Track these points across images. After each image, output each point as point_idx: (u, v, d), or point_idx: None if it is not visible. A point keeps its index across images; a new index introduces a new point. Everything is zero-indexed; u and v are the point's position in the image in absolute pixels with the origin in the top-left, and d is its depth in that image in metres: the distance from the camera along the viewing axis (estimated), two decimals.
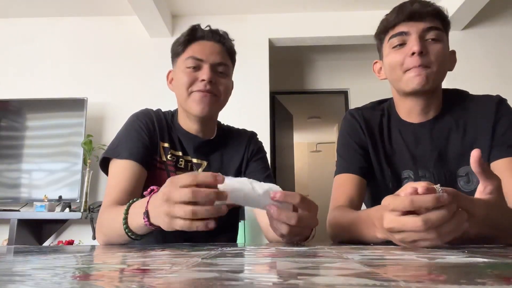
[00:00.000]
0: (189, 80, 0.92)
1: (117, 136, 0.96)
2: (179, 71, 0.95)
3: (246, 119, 2.38)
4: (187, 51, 0.94)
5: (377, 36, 0.96)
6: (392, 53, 0.89)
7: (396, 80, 0.90)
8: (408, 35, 0.86)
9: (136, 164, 0.90)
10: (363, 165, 0.94)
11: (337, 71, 4.04)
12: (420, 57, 0.84)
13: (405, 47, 0.87)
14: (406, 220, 0.53)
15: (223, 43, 0.97)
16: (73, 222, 2.80)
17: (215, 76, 0.94)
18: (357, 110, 1.01)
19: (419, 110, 0.92)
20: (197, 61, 0.93)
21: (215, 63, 0.94)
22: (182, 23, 3.07)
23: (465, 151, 0.89)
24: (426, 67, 0.85)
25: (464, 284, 0.23)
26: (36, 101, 2.82)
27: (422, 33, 0.85)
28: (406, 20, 0.86)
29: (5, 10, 3.03)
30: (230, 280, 0.26)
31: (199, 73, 0.93)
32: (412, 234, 0.54)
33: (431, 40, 0.86)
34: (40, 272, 0.31)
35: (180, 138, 1.01)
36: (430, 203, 0.51)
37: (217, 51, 0.95)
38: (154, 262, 0.39)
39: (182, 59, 0.95)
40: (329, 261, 0.37)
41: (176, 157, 0.99)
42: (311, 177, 6.86)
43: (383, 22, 0.92)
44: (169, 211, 0.58)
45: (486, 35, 3.05)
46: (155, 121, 0.98)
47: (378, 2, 2.90)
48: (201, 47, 0.94)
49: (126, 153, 0.90)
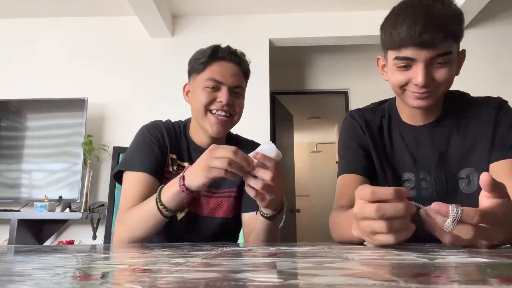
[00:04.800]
0: (208, 100, 0.98)
1: (130, 149, 1.02)
2: (198, 88, 1.00)
3: (246, 119, 2.36)
4: (207, 71, 0.99)
5: (381, 38, 0.89)
6: (396, 73, 0.84)
7: (399, 95, 0.89)
8: (414, 61, 0.80)
9: (149, 176, 0.95)
10: (365, 165, 0.94)
11: (337, 71, 4.04)
12: (423, 86, 0.80)
13: (410, 70, 0.82)
14: (365, 206, 0.54)
15: (240, 65, 1.02)
16: (73, 222, 2.80)
17: (232, 98, 0.99)
18: (358, 112, 1.01)
19: (421, 115, 0.92)
20: (217, 83, 0.98)
21: (233, 86, 0.99)
22: (182, 23, 3.07)
23: (466, 153, 0.89)
24: (429, 91, 0.82)
25: (464, 284, 0.23)
26: (36, 101, 2.81)
27: (430, 61, 0.79)
28: (414, 45, 0.78)
29: (5, 10, 3.03)
30: (230, 280, 0.26)
31: (218, 94, 0.98)
32: (368, 222, 0.55)
33: (438, 64, 0.80)
34: (40, 272, 0.31)
35: (189, 149, 1.05)
36: (390, 195, 0.52)
37: (235, 74, 1.00)
38: (154, 262, 0.39)
39: (202, 78, 0.99)
40: (329, 261, 0.37)
41: (182, 168, 1.02)
42: (311, 177, 6.85)
43: (388, 34, 0.82)
44: (208, 163, 0.74)
45: (486, 35, 3.05)
46: (165, 133, 1.02)
47: (378, 2, 2.90)
48: (220, 69, 0.99)
49: (139, 166, 0.96)
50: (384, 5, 2.89)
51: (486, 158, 0.87)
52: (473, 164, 0.88)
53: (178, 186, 0.79)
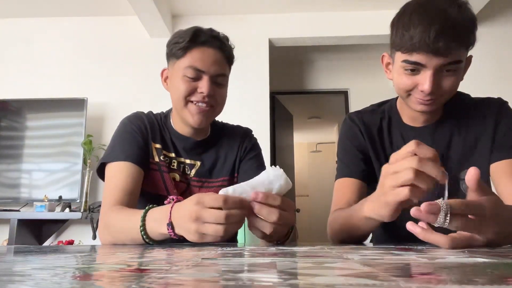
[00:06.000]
0: (188, 90, 0.92)
1: (112, 141, 0.97)
2: (177, 77, 0.93)
3: (246, 119, 2.37)
4: (187, 58, 0.92)
5: (391, 36, 0.85)
6: (403, 76, 0.82)
7: (403, 98, 0.88)
8: (424, 67, 0.78)
9: (133, 165, 0.90)
10: (364, 168, 0.94)
11: (337, 71, 4.04)
12: (429, 94, 0.79)
13: (417, 75, 0.80)
14: (403, 160, 0.56)
15: (223, 50, 0.95)
16: (73, 222, 2.80)
17: (214, 88, 0.93)
18: (357, 114, 1.00)
19: (423, 118, 0.92)
20: (197, 72, 0.91)
21: (215, 75, 0.93)
22: (182, 23, 3.07)
23: (467, 154, 0.89)
24: (433, 99, 0.81)
25: (464, 284, 0.23)
26: (36, 101, 2.81)
27: (439, 68, 0.77)
28: (427, 51, 0.75)
29: (5, 10, 3.03)
30: (230, 280, 0.26)
31: (198, 83, 0.92)
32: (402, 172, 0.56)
33: (446, 71, 0.79)
34: (40, 272, 0.31)
35: (172, 139, 1.01)
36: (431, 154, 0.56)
37: (217, 61, 0.93)
38: (154, 262, 0.39)
39: (181, 66, 0.92)
40: (329, 261, 0.37)
41: (169, 159, 0.99)
42: (311, 177, 6.86)
43: (400, 34, 0.79)
44: (198, 229, 0.61)
45: (486, 35, 3.05)
46: (147, 123, 0.99)
47: (378, 2, 2.90)
48: (202, 56, 0.91)
49: (121, 156, 0.91)
50: (384, 5, 2.90)
51: (487, 158, 0.87)
52: (474, 165, 0.88)
53: (166, 231, 0.67)
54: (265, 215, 0.63)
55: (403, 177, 0.55)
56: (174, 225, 0.66)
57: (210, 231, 0.60)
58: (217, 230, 0.60)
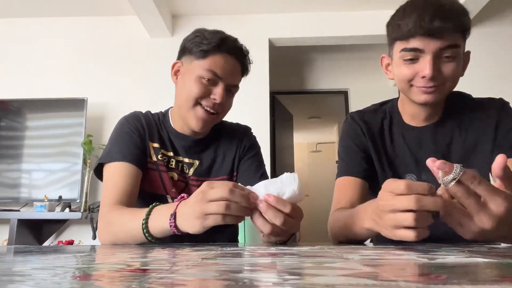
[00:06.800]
0: (201, 92, 0.91)
1: (109, 141, 0.97)
2: (191, 75, 0.92)
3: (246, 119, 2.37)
4: (208, 61, 0.91)
5: (388, 34, 0.88)
6: (403, 66, 0.83)
7: (404, 91, 0.88)
8: (422, 52, 0.79)
9: (130, 165, 0.90)
10: (365, 167, 0.94)
11: (337, 71, 4.04)
12: (430, 79, 0.80)
13: (417, 63, 0.81)
14: (398, 197, 0.54)
15: (243, 63, 0.97)
16: (73, 222, 2.80)
17: (226, 97, 0.94)
18: (359, 113, 1.00)
19: (424, 115, 0.92)
20: (215, 77, 0.91)
21: (231, 84, 0.94)
22: (182, 23, 3.07)
23: (468, 154, 0.89)
24: (436, 86, 0.82)
25: (464, 284, 0.23)
26: (36, 101, 2.81)
27: (438, 52, 0.78)
28: (423, 35, 0.77)
29: (5, 10, 3.03)
30: (230, 280, 0.26)
31: (213, 89, 0.92)
32: (395, 215, 0.55)
33: (446, 57, 0.80)
34: (40, 272, 0.31)
35: (171, 138, 1.01)
36: (425, 190, 0.53)
37: (235, 71, 0.95)
38: (154, 262, 0.39)
39: (200, 66, 0.91)
40: (329, 261, 0.37)
41: (167, 157, 0.99)
42: (311, 177, 6.86)
43: (396, 26, 0.82)
44: (202, 209, 0.62)
45: (486, 35, 3.05)
46: (144, 122, 0.99)
47: (378, 2, 2.90)
48: (223, 63, 0.92)
49: (119, 156, 0.91)
50: (385, 5, 2.90)
51: (488, 159, 0.87)
52: (475, 165, 0.88)
53: (168, 226, 0.68)
54: (271, 217, 0.62)
55: (402, 222, 0.54)
56: (178, 215, 0.67)
57: (213, 209, 0.61)
58: (219, 206, 0.60)
